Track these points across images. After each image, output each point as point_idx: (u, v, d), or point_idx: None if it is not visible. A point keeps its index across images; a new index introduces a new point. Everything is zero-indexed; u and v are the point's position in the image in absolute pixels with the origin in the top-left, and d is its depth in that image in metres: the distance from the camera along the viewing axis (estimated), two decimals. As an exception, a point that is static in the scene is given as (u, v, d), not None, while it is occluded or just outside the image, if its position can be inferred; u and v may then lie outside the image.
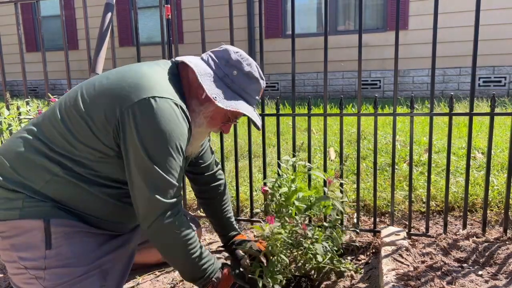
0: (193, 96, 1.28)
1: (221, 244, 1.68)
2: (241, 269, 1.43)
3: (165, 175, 1.14)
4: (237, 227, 1.65)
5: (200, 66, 1.24)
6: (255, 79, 1.30)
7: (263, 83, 1.35)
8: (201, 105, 1.27)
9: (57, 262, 1.15)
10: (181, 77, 1.29)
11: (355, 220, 2.01)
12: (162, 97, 1.14)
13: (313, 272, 1.55)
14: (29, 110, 2.11)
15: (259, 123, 1.30)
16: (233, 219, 1.65)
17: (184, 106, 1.19)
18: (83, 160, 1.18)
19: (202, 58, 1.31)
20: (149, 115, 1.12)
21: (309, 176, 1.83)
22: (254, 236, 1.61)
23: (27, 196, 1.15)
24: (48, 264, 1.14)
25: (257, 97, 1.34)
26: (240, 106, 1.25)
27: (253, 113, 1.29)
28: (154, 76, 1.19)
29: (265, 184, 1.58)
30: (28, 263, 1.15)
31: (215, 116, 1.29)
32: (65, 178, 1.17)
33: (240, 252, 1.56)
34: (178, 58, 1.29)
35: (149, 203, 1.15)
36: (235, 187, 2.11)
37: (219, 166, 1.65)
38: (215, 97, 1.20)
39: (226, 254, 1.77)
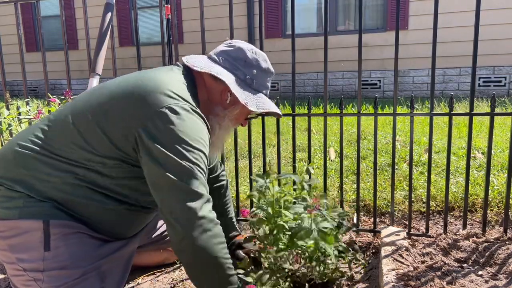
0: (216, 101, 1.30)
1: None
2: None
3: (193, 167, 1.09)
4: (237, 228, 1.65)
5: (222, 73, 1.25)
6: (270, 72, 1.36)
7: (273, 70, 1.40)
8: (226, 109, 1.30)
9: (55, 264, 1.14)
10: (196, 82, 1.28)
11: (355, 220, 2.01)
12: (180, 105, 1.12)
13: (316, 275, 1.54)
14: (29, 110, 2.11)
15: (280, 112, 1.37)
16: (234, 219, 1.65)
17: (199, 111, 1.18)
18: (96, 168, 1.16)
19: (215, 60, 1.30)
20: (170, 124, 1.09)
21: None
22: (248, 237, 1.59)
23: (28, 196, 1.14)
24: (46, 266, 1.13)
25: (269, 85, 1.40)
26: (268, 105, 1.30)
27: (276, 107, 1.35)
28: (172, 83, 1.17)
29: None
30: (27, 265, 1.14)
31: (239, 116, 1.34)
32: (72, 186, 1.16)
33: (241, 253, 1.56)
34: (189, 63, 1.27)
35: (186, 200, 1.07)
36: (235, 187, 2.11)
37: (223, 167, 1.65)
38: (247, 102, 1.25)
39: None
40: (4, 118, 2.07)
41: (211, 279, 1.13)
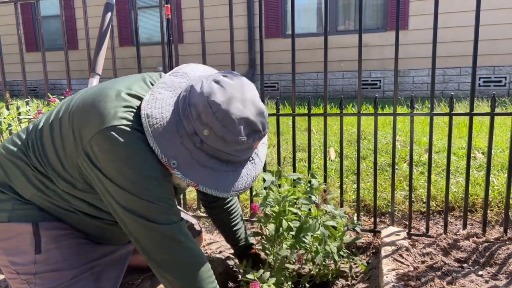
0: None
1: (220, 245, 1.66)
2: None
3: (148, 202, 1.01)
4: (249, 238, 1.57)
5: (162, 119, 1.00)
6: (234, 142, 1.00)
7: (251, 140, 1.03)
8: None
9: (47, 267, 1.12)
10: None
11: (355, 220, 2.01)
12: (119, 125, 0.98)
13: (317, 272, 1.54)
14: (29, 110, 2.11)
15: (228, 192, 1.03)
16: (244, 230, 1.56)
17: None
18: (53, 181, 1.11)
19: (179, 94, 1.05)
20: (107, 150, 0.98)
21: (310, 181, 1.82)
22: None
23: (15, 199, 1.13)
24: (38, 268, 1.12)
25: (244, 155, 1.07)
26: (204, 177, 1.01)
27: (225, 183, 1.03)
28: (114, 103, 1.02)
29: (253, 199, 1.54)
30: (19, 268, 1.13)
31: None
32: (47, 196, 1.13)
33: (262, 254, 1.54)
34: (151, 93, 1.04)
35: (151, 236, 1.02)
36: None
37: None
38: (174, 163, 0.98)
39: (226, 255, 1.76)
40: (4, 118, 2.07)
41: None
